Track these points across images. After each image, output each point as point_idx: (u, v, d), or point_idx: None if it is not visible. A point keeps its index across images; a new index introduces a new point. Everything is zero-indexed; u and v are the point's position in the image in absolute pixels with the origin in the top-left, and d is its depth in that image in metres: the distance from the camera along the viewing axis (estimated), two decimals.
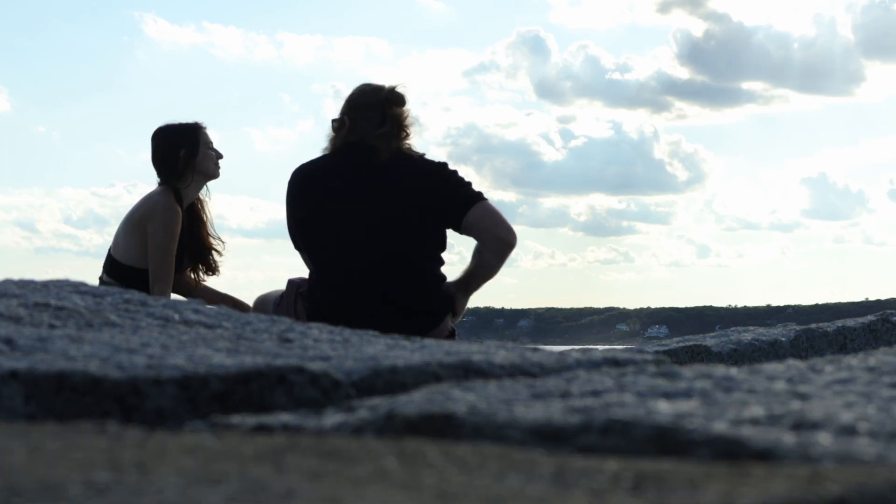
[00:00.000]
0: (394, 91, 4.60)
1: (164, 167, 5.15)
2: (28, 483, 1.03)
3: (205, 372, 1.82)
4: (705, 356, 4.44)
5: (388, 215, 4.47)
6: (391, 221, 4.47)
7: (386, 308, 4.47)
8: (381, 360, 2.03)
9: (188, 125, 5.22)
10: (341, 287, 4.50)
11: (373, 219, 4.47)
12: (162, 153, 5.15)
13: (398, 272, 4.48)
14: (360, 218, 4.48)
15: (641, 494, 1.07)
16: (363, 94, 4.63)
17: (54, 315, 2.34)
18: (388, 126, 4.51)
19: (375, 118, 4.54)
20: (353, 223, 4.49)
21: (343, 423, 1.56)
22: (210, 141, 5.21)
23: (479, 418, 1.47)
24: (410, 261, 4.50)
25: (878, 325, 4.98)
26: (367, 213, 4.48)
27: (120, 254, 5.11)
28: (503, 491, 1.07)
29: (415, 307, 4.51)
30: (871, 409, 1.51)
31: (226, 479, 1.08)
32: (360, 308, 4.45)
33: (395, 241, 4.48)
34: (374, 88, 4.64)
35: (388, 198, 4.47)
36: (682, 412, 1.47)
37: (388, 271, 4.47)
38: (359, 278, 4.48)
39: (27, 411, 1.71)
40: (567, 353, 2.28)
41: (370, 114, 4.54)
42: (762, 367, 2.00)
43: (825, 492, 1.05)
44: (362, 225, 4.48)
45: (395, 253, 4.48)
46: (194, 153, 5.14)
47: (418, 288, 4.51)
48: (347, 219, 4.50)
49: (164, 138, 5.19)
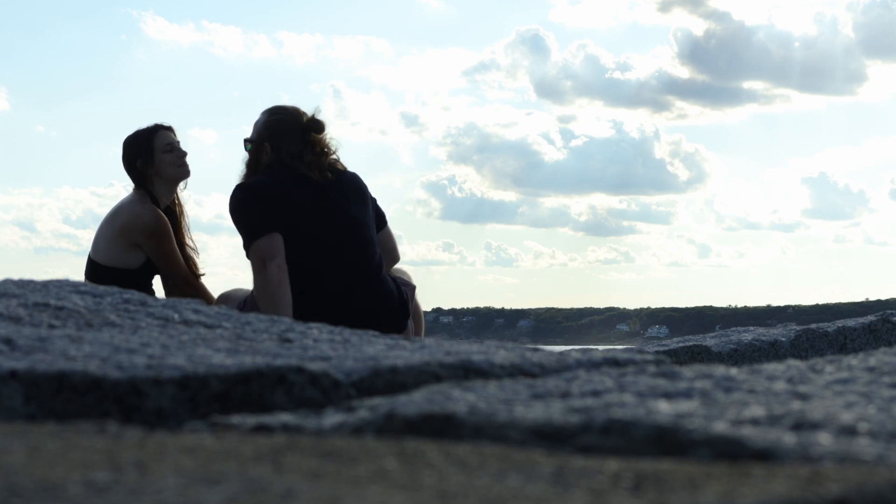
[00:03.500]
0: (314, 119, 4.77)
1: (130, 177, 5.31)
2: (28, 483, 1.03)
3: (205, 372, 1.82)
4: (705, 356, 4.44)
5: (361, 222, 4.69)
6: (364, 228, 4.70)
7: (383, 308, 4.66)
8: (381, 360, 2.03)
9: (142, 133, 5.32)
10: (340, 293, 4.61)
11: (350, 227, 4.66)
12: (125, 164, 5.31)
13: (379, 274, 4.70)
14: (341, 227, 4.64)
15: (641, 494, 1.07)
16: (283, 122, 4.76)
17: (54, 315, 2.34)
18: (310, 153, 4.69)
19: (295, 145, 4.71)
20: (332, 231, 4.63)
21: (343, 423, 1.56)
22: (171, 142, 5.26)
23: (479, 418, 1.47)
24: (378, 258, 4.75)
25: (879, 325, 4.98)
26: (342, 221, 4.65)
27: (101, 257, 5.15)
28: (503, 491, 1.07)
29: (399, 305, 4.73)
30: (871, 409, 1.51)
31: (225, 479, 1.08)
32: (360, 311, 4.56)
33: (368, 242, 4.71)
34: (293, 115, 4.79)
35: (355, 208, 4.71)
36: (682, 412, 1.46)
37: (375, 274, 4.68)
38: (358, 282, 4.63)
39: (27, 411, 1.71)
40: (567, 353, 2.28)
41: (289, 140, 4.71)
42: (762, 368, 2.00)
43: (825, 492, 1.05)
44: (345, 233, 4.64)
45: (370, 253, 4.70)
46: (149, 161, 5.23)
47: (394, 287, 4.74)
48: (327, 227, 4.63)
49: (123, 150, 5.34)
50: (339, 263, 4.61)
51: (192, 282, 5.19)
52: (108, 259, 5.14)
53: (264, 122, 4.79)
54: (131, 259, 5.13)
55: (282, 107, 4.85)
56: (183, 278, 5.15)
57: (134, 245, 5.11)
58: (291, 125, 4.74)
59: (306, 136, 4.72)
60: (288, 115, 4.78)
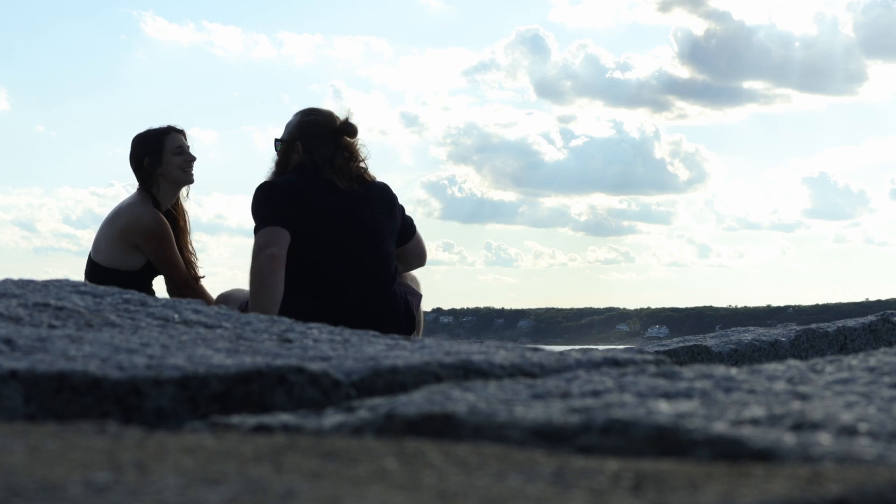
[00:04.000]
0: (347, 122, 4.79)
1: (136, 175, 5.30)
2: (28, 483, 1.03)
3: (205, 372, 1.82)
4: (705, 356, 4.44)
5: (382, 233, 4.70)
6: (386, 239, 4.71)
7: (390, 319, 4.67)
8: (381, 360, 2.03)
9: (154, 132, 5.32)
10: (355, 300, 4.62)
11: (372, 235, 4.67)
12: (132, 162, 5.31)
13: (392, 285, 4.72)
14: (361, 233, 4.65)
15: (641, 494, 1.07)
16: (316, 123, 4.77)
17: (54, 315, 2.34)
18: (341, 157, 4.71)
19: (326, 147, 4.72)
20: (355, 238, 4.64)
21: (343, 423, 1.56)
22: (181, 145, 5.26)
23: (479, 418, 1.47)
24: (393, 270, 4.77)
25: (879, 325, 4.98)
26: (364, 229, 4.66)
27: (101, 258, 5.15)
28: (503, 491, 1.07)
29: (404, 314, 4.75)
30: (872, 409, 1.51)
31: (225, 480, 1.08)
32: (369, 320, 4.56)
33: (388, 255, 4.72)
34: (326, 117, 4.81)
35: (380, 218, 4.71)
36: (682, 412, 1.46)
37: (389, 285, 4.70)
38: (372, 291, 4.65)
39: (27, 411, 1.71)
40: (567, 353, 2.28)
41: (321, 142, 4.73)
42: (762, 368, 2.00)
43: (825, 492, 1.05)
44: (366, 242, 4.65)
45: (388, 265, 4.72)
46: (157, 161, 5.23)
47: (403, 297, 4.77)
48: (350, 234, 4.64)
49: (132, 147, 5.34)
50: (357, 270, 4.62)
51: (192, 285, 5.20)
52: (108, 260, 5.14)
53: (297, 123, 4.80)
54: (131, 261, 5.13)
55: (316, 109, 4.87)
56: (182, 281, 5.15)
57: (134, 247, 5.12)
58: (324, 127, 4.75)
59: (338, 138, 4.74)
60: (321, 117, 4.80)
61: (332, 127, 4.75)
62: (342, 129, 4.75)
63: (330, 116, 4.80)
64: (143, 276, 5.17)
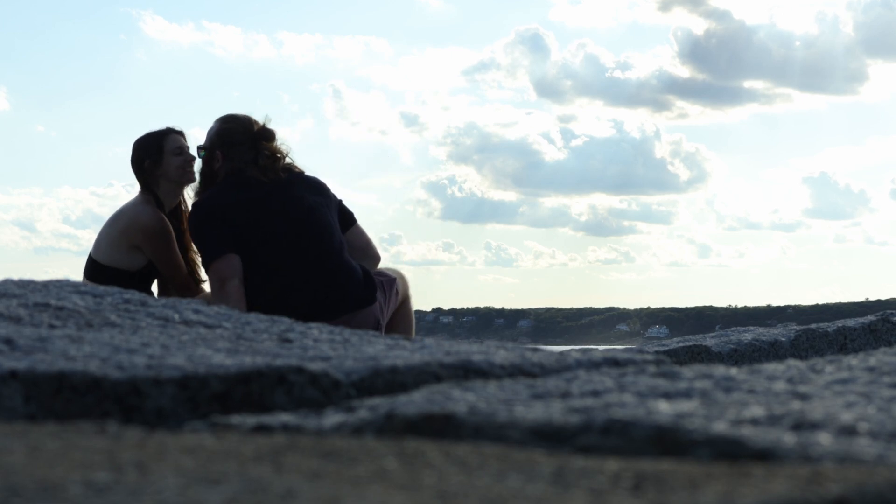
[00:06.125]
0: (265, 127, 4.89)
1: (137, 177, 5.35)
2: (28, 483, 1.03)
3: (205, 372, 1.82)
4: (705, 356, 4.44)
5: (316, 210, 4.80)
6: (322, 215, 4.81)
7: (347, 281, 4.77)
8: (381, 360, 2.03)
9: (153, 135, 5.40)
10: (305, 281, 4.71)
11: (307, 214, 4.77)
12: (133, 165, 5.36)
13: (341, 254, 4.82)
14: (296, 219, 4.75)
15: (641, 494, 1.07)
16: (234, 130, 4.86)
17: (54, 315, 2.34)
18: (263, 158, 4.82)
19: (247, 152, 4.83)
20: (293, 225, 4.74)
21: (343, 423, 1.56)
22: (180, 146, 5.31)
23: (479, 418, 1.47)
24: (339, 243, 4.87)
25: (879, 325, 4.98)
26: (303, 206, 4.77)
27: (102, 256, 5.18)
28: (503, 491, 1.07)
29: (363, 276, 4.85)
30: (871, 409, 1.51)
31: (225, 479, 1.08)
32: (326, 290, 4.71)
33: (331, 226, 4.83)
34: (244, 123, 4.90)
35: (309, 196, 4.82)
36: (682, 412, 1.46)
37: (337, 254, 4.80)
38: (320, 266, 4.75)
39: (27, 411, 1.71)
40: (567, 353, 2.28)
41: (241, 149, 4.83)
42: (762, 368, 2.00)
43: (825, 492, 1.05)
44: (302, 223, 4.76)
45: (333, 236, 4.82)
46: (157, 163, 5.29)
47: (358, 266, 4.87)
48: (287, 222, 4.74)
49: (132, 151, 5.40)
50: (300, 252, 4.72)
51: (193, 287, 5.21)
52: (108, 259, 5.16)
53: (216, 131, 4.91)
54: (132, 261, 5.15)
55: (234, 115, 4.97)
56: (183, 283, 5.17)
57: (135, 247, 5.14)
58: (242, 134, 4.86)
59: (257, 144, 4.84)
60: (238, 124, 4.90)
61: (250, 133, 4.86)
62: (260, 135, 4.86)
63: (248, 122, 4.91)
64: (142, 277, 5.18)
